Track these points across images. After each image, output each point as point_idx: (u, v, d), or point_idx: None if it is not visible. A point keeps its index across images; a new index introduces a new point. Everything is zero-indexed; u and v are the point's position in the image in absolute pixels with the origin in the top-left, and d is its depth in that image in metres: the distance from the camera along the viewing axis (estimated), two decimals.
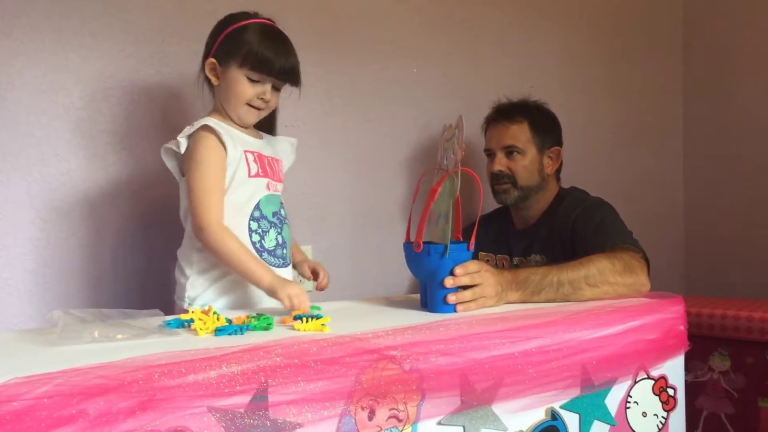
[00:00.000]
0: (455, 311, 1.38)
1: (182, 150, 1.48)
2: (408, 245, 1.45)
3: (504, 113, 2.02)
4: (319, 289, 1.64)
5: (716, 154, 2.78)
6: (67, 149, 1.71)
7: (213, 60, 1.50)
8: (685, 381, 1.49)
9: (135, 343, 1.09)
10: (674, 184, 2.89)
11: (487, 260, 2.03)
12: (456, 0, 2.32)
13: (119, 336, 1.12)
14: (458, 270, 1.38)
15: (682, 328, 1.45)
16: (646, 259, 1.67)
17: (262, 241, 1.52)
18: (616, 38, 2.70)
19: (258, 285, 1.41)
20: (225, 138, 1.47)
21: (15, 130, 1.65)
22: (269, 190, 1.56)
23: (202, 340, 1.13)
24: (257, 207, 1.53)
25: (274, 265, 1.52)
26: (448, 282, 1.37)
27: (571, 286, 1.49)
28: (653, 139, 2.82)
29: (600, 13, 2.67)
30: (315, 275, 1.65)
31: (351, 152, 2.12)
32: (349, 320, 1.31)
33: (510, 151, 1.97)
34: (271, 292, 1.38)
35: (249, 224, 1.51)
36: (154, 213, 1.82)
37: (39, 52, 1.67)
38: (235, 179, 1.50)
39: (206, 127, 1.47)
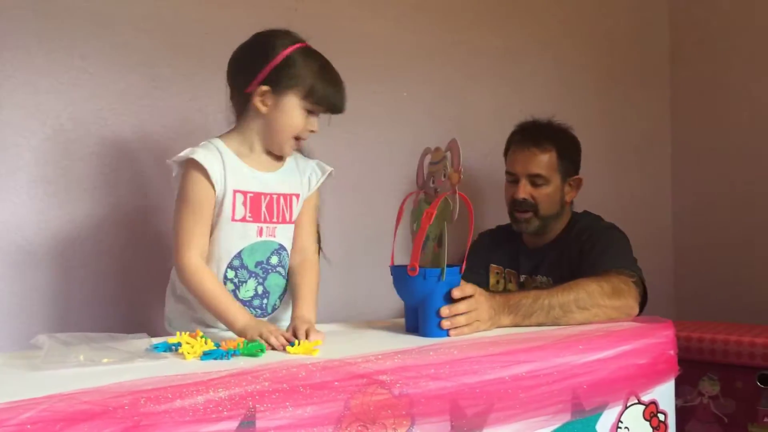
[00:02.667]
0: (448, 335, 1.37)
1: (173, 174, 1.45)
2: (397, 268, 1.44)
3: (531, 138, 1.95)
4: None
5: (704, 178, 2.79)
6: (55, 171, 1.69)
7: (266, 87, 1.41)
8: (675, 406, 1.48)
9: (121, 368, 1.08)
10: (663, 209, 2.90)
11: (497, 272, 2.03)
12: (448, 25, 2.33)
13: (105, 360, 1.11)
14: (456, 293, 1.38)
15: (672, 352, 1.45)
16: (644, 285, 1.68)
17: (236, 291, 1.45)
18: (605, 65, 2.73)
19: (231, 328, 1.35)
20: (213, 176, 1.40)
21: (4, 151, 1.64)
22: (261, 236, 1.46)
23: (189, 365, 1.12)
24: (238, 256, 1.45)
25: None
26: (445, 312, 1.37)
27: (562, 310, 1.50)
28: (641, 164, 2.84)
29: (589, 40, 2.69)
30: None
31: (340, 175, 2.11)
32: (338, 344, 1.31)
33: (535, 181, 1.92)
34: (243, 336, 1.31)
35: (226, 272, 1.45)
36: (142, 236, 1.80)
37: (29, 74, 1.66)
38: (219, 220, 1.43)
39: (194, 163, 1.39)
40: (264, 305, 1.50)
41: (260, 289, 1.49)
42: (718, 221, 2.74)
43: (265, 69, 1.40)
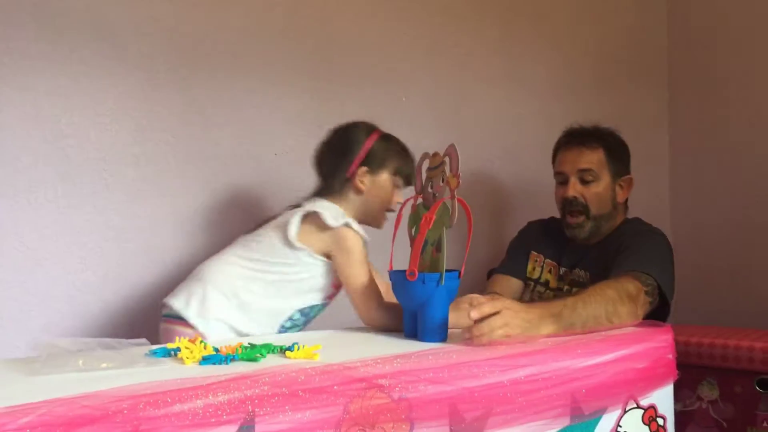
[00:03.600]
0: (445, 340, 1.37)
1: (332, 225, 1.54)
2: (396, 273, 1.44)
3: (578, 137, 1.97)
4: None
5: (701, 182, 2.80)
6: (54, 176, 1.70)
7: (365, 168, 1.63)
8: (674, 410, 1.48)
9: (120, 372, 1.08)
10: (660, 213, 2.90)
11: (535, 260, 2.03)
12: (447, 28, 2.34)
13: (104, 365, 1.11)
14: (474, 314, 1.33)
15: (670, 357, 1.45)
16: (661, 294, 1.69)
17: (283, 326, 1.59)
18: (601, 69, 2.73)
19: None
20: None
21: (2, 156, 1.64)
22: (328, 299, 1.66)
23: (188, 369, 1.12)
24: (312, 308, 1.62)
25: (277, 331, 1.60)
26: (469, 333, 1.34)
27: (595, 321, 1.49)
28: (639, 167, 2.83)
29: (586, 43, 2.70)
30: None
31: None
32: (337, 349, 1.30)
33: (584, 177, 1.92)
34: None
35: (292, 314, 1.59)
36: (140, 242, 1.80)
37: (27, 78, 1.66)
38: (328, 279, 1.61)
39: (358, 234, 1.57)
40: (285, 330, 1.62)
41: (295, 330, 1.64)
42: (717, 224, 2.74)
43: (361, 153, 1.63)
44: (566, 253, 2.01)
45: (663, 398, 1.43)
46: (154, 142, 1.82)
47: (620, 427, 1.36)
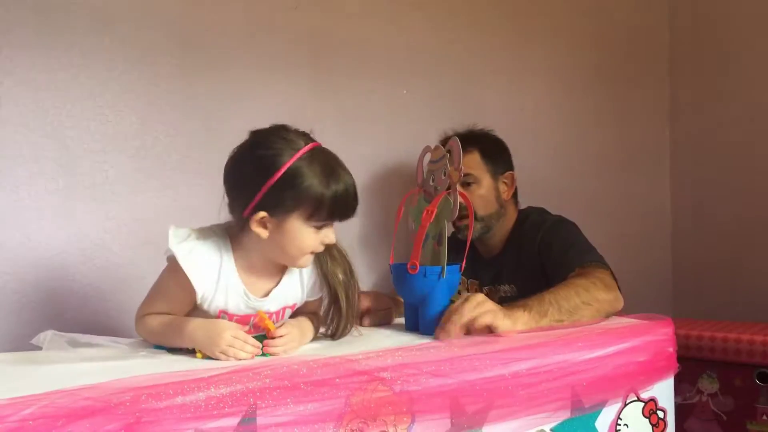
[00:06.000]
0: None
1: (166, 253, 1.31)
2: (397, 266, 1.44)
3: None
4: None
5: (703, 177, 2.80)
6: (54, 168, 1.69)
7: (264, 214, 1.22)
8: (674, 403, 1.48)
9: (122, 364, 1.08)
10: (662, 208, 2.90)
11: (462, 283, 2.02)
12: (444, 22, 2.33)
13: (106, 356, 1.11)
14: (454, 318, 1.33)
15: (671, 350, 1.45)
16: (614, 275, 1.68)
17: None
18: (603, 63, 2.73)
19: (183, 342, 1.22)
20: (199, 292, 1.25)
21: (3, 148, 1.64)
22: None
23: (190, 362, 1.12)
24: None
25: None
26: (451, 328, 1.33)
27: (569, 304, 1.46)
28: (640, 163, 2.84)
29: (587, 38, 2.69)
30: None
31: None
32: (339, 342, 1.31)
33: (465, 181, 1.92)
34: (199, 347, 1.19)
35: None
36: (140, 235, 1.80)
37: (28, 70, 1.66)
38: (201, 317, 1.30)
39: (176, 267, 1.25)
40: None
41: None
42: (717, 220, 2.74)
43: (261, 191, 1.21)
44: (480, 268, 1.99)
45: (663, 391, 1.44)
46: (155, 135, 1.82)
47: (620, 419, 1.36)
